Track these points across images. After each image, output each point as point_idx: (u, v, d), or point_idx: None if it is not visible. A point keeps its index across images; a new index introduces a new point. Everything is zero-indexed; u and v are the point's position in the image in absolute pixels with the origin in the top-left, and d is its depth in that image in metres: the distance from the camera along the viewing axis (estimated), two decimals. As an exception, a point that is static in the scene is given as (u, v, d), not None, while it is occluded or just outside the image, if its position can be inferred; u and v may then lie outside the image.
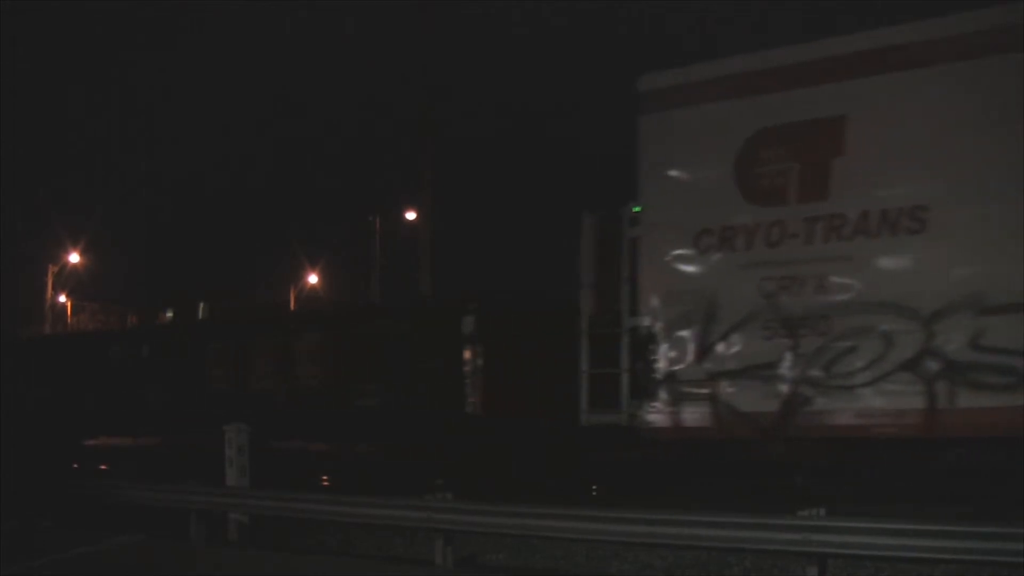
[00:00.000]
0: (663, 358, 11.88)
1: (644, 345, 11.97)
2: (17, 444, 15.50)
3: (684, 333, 11.72)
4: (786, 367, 11.14)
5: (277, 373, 14.70)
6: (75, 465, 17.42)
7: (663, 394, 11.85)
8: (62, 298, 43.32)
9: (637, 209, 12.40)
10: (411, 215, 32.21)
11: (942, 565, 8.21)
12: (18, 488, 13.33)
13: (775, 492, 10.28)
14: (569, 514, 9.27)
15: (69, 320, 42.32)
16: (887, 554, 7.97)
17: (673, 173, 12.10)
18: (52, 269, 43.78)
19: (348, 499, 11.15)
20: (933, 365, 10.47)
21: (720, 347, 11.54)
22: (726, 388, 11.49)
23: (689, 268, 11.84)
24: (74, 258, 43.36)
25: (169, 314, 39.45)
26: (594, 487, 12.30)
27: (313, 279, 45.25)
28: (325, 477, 14.90)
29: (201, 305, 32.75)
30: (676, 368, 11.81)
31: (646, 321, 12.02)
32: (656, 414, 11.87)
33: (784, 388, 11.16)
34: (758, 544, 8.34)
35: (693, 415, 11.69)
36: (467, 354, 13.06)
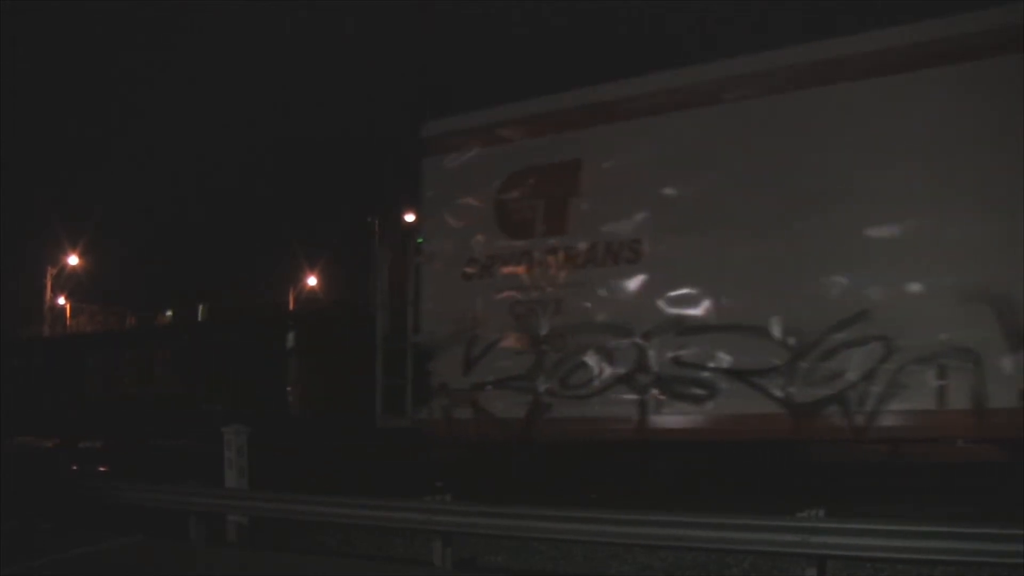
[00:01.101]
0: (437, 371, 13.13)
1: (424, 359, 13.45)
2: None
3: (454, 349, 12.98)
4: (532, 379, 12.40)
5: (141, 382, 16.28)
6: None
7: (437, 402, 13.06)
8: (61, 300, 43.37)
9: (420, 241, 13.85)
10: (410, 217, 32.79)
11: (942, 565, 8.31)
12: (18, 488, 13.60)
13: (774, 493, 10.32)
14: (568, 516, 9.37)
15: (68, 322, 42.20)
16: (886, 555, 8.05)
17: (447, 210, 13.31)
18: (51, 271, 44.60)
19: (347, 500, 11.07)
20: (644, 378, 11.83)
21: (481, 362, 12.77)
22: (485, 397, 12.70)
23: (458, 292, 13.09)
24: (73, 260, 43.51)
25: (168, 314, 41.00)
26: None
27: (312, 280, 45.73)
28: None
29: (200, 306, 34.27)
30: (447, 379, 13.00)
31: (425, 338, 13.55)
32: (432, 419, 13.31)
33: (530, 397, 12.42)
34: (757, 545, 8.43)
35: (461, 420, 12.89)
36: (289, 364, 14.56)
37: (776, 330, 10.88)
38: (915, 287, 10.36)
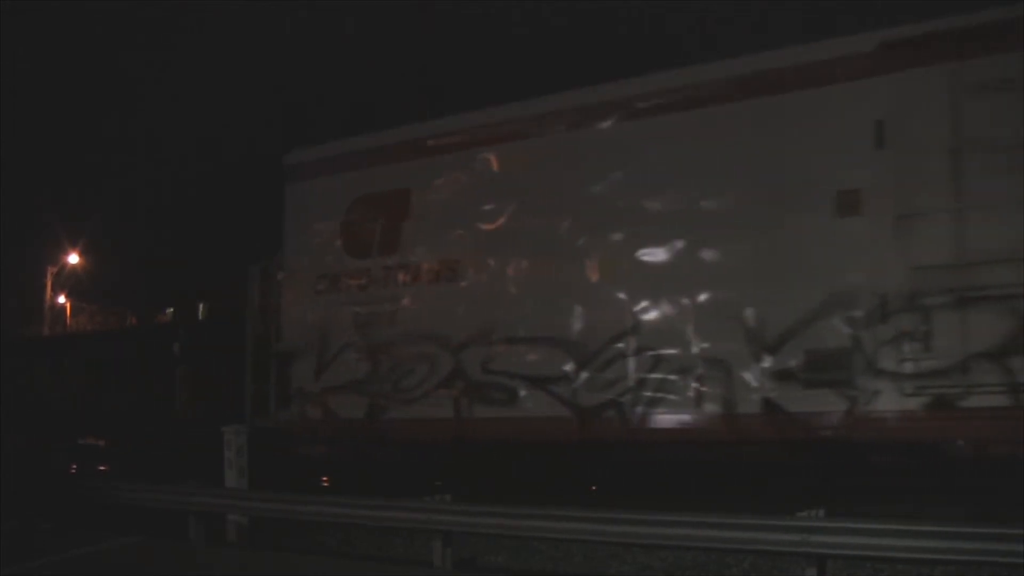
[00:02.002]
0: (295, 376, 14.21)
1: (284, 365, 14.57)
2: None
3: (308, 357, 14.10)
4: (370, 384, 13.49)
5: (63, 385, 17.61)
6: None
7: (295, 404, 14.14)
8: (61, 299, 43.95)
9: (282, 258, 14.95)
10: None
11: (941, 565, 8.29)
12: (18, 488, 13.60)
13: (774, 493, 10.46)
14: (568, 515, 9.35)
15: (68, 322, 43.18)
16: (886, 554, 8.03)
17: (304, 231, 14.41)
18: (51, 270, 45.42)
19: (347, 500, 11.05)
20: (460, 383, 12.93)
21: (330, 368, 13.84)
22: (333, 400, 13.77)
23: (311, 305, 14.20)
24: (73, 259, 43.87)
25: (170, 311, 42.14)
26: (593, 488, 12.34)
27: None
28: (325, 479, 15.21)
29: (200, 306, 35.47)
30: (303, 383, 14.07)
31: (285, 347, 14.65)
32: (291, 419, 14.42)
33: (368, 400, 13.54)
34: (757, 545, 8.38)
35: (313, 420, 13.93)
36: (176, 370, 15.81)
37: (565, 341, 11.96)
38: (676, 304, 11.38)
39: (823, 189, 10.67)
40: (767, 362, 10.81)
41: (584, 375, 11.81)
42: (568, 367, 11.90)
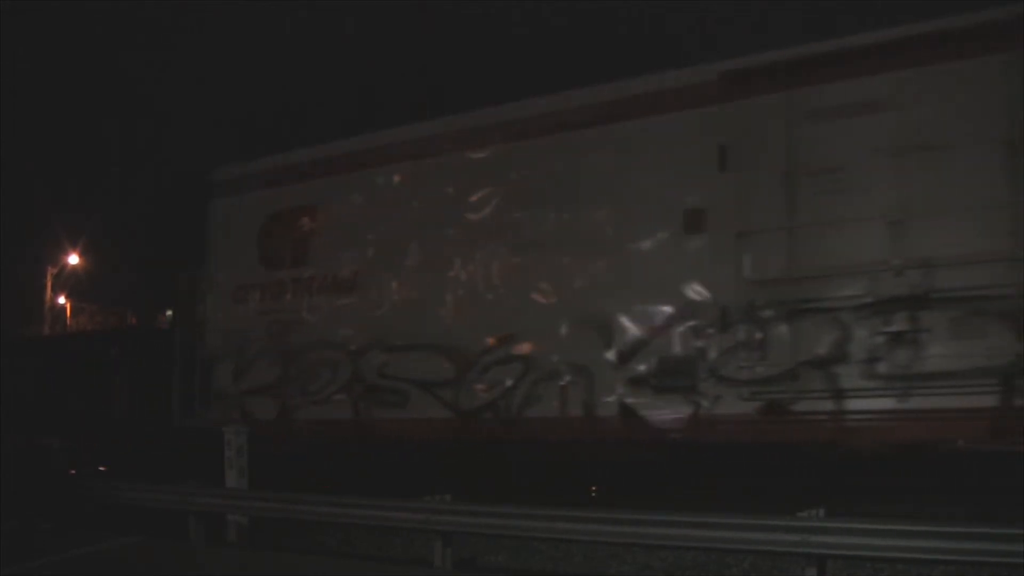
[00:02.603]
0: (216, 379, 14.99)
1: (208, 370, 15.38)
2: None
3: (228, 362, 14.93)
4: (281, 387, 14.31)
5: (25, 384, 18.48)
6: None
7: (216, 405, 14.93)
8: (61, 299, 44.35)
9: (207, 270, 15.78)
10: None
11: (941, 565, 8.25)
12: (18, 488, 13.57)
13: (774, 493, 10.35)
14: (568, 515, 9.30)
15: (69, 322, 43.46)
16: (886, 555, 8.00)
17: (225, 243, 15.20)
18: (51, 271, 46.58)
19: (348, 501, 10.93)
20: (358, 387, 13.72)
21: (247, 372, 14.66)
22: (249, 401, 14.55)
23: (231, 313, 15.04)
24: (73, 259, 44.27)
25: (169, 314, 42.93)
26: (593, 488, 12.36)
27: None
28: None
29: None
30: (223, 386, 14.87)
31: (208, 352, 15.44)
32: (213, 420, 15.17)
33: (280, 402, 14.32)
34: (757, 545, 8.35)
35: (234, 419, 14.85)
36: (113, 373, 16.68)
37: (449, 349, 12.73)
38: (546, 315, 12.12)
39: (672, 208, 11.39)
40: (623, 369, 11.54)
41: (465, 380, 12.56)
42: (451, 373, 12.66)
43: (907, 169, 10.29)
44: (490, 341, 12.41)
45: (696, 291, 11.20)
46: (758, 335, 10.86)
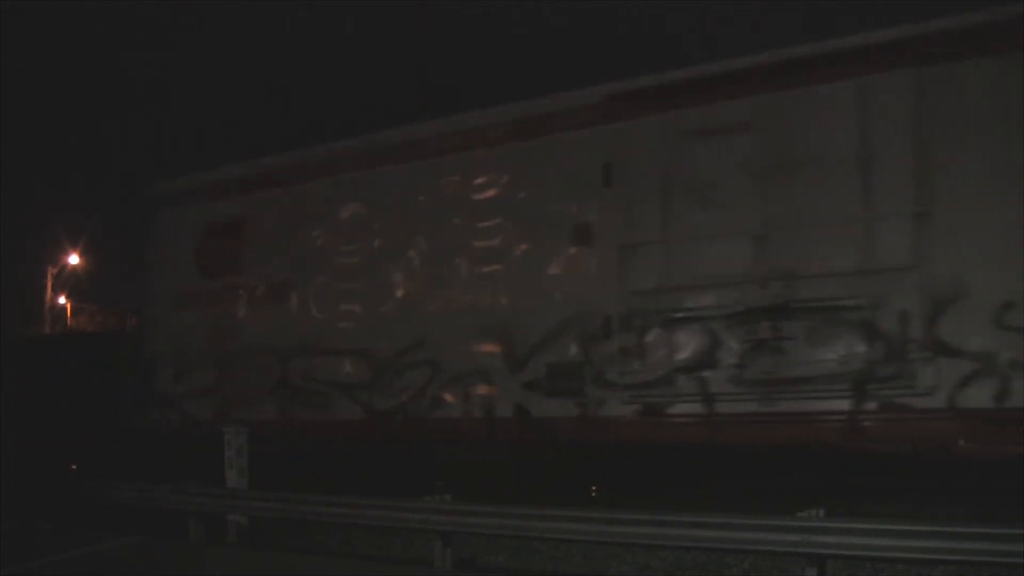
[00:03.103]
0: (158, 382, 15.73)
1: (151, 373, 16.09)
2: None
3: (169, 365, 15.65)
4: (217, 389, 14.92)
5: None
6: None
7: (158, 406, 15.67)
8: (61, 299, 44.79)
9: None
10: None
11: (942, 565, 8.21)
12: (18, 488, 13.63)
13: (774, 492, 10.38)
14: (568, 515, 9.25)
15: (69, 322, 43.76)
16: (886, 555, 7.96)
17: (167, 253, 15.85)
18: (51, 271, 47.56)
19: (348, 501, 10.91)
20: (286, 390, 14.37)
21: (185, 375, 15.42)
22: (187, 403, 15.27)
23: (172, 319, 15.74)
24: (74, 259, 44.73)
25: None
26: (593, 488, 12.42)
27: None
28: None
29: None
30: (165, 388, 15.58)
31: (152, 356, 16.13)
32: (156, 420, 15.95)
33: (216, 403, 14.94)
34: (757, 545, 8.31)
35: (172, 421, 15.49)
36: (64, 376, 17.46)
37: (365, 354, 13.39)
38: (449, 324, 12.75)
39: (563, 223, 12.00)
40: (519, 374, 12.17)
41: (380, 383, 13.22)
42: (367, 376, 13.33)
43: (770, 187, 10.87)
44: (401, 347, 13.04)
45: (583, 301, 11.81)
46: (638, 342, 11.48)
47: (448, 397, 12.68)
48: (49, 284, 46.31)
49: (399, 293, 13.20)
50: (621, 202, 11.68)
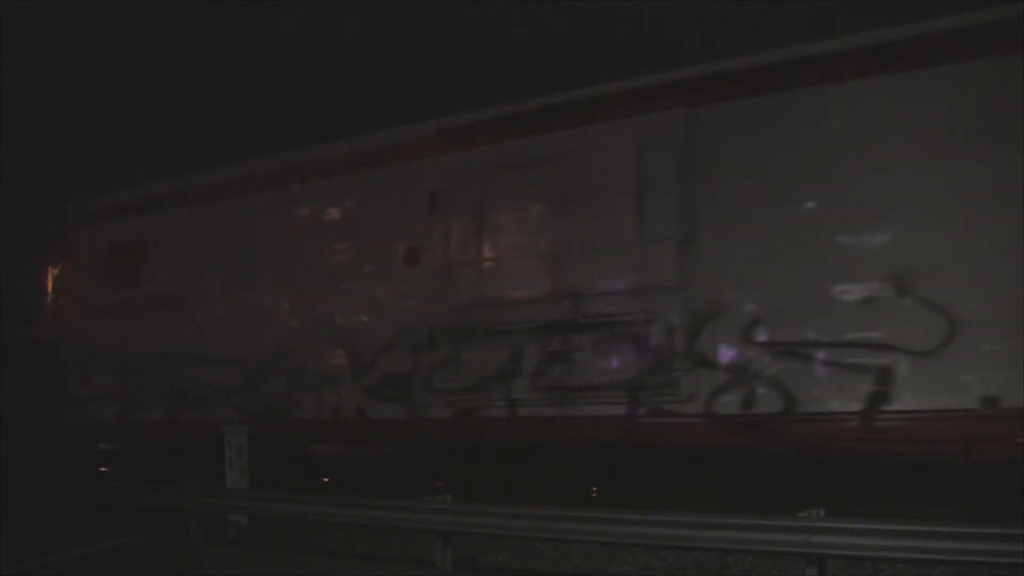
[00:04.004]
0: (73, 384, 16.83)
1: (66, 375, 17.34)
2: None
3: (82, 369, 16.82)
4: (120, 391, 16.16)
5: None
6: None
7: (70, 408, 16.81)
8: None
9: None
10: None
11: (942, 565, 8.13)
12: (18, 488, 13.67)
13: (775, 492, 10.44)
14: (568, 515, 9.23)
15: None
16: (887, 555, 7.91)
17: (81, 265, 17.14)
18: (52, 271, 49.65)
19: (348, 500, 10.92)
20: (174, 392, 15.41)
21: (95, 378, 16.60)
22: (95, 404, 16.45)
23: (84, 327, 16.91)
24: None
25: None
26: (593, 488, 12.49)
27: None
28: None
29: None
30: (77, 391, 16.74)
31: (67, 360, 17.30)
32: (72, 419, 17.18)
33: (119, 404, 16.17)
34: (757, 545, 8.27)
35: (84, 420, 16.61)
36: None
37: (240, 361, 14.59)
38: (305, 335, 13.94)
39: (396, 244, 13.13)
40: (361, 380, 13.32)
41: (251, 387, 14.42)
42: (240, 381, 14.53)
43: (564, 214, 11.94)
44: (268, 356, 14.24)
45: (413, 315, 12.94)
46: (456, 353, 12.58)
47: (305, 400, 13.85)
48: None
49: (266, 308, 14.38)
50: (444, 227, 12.78)
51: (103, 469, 16.69)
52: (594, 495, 12.17)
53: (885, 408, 10.12)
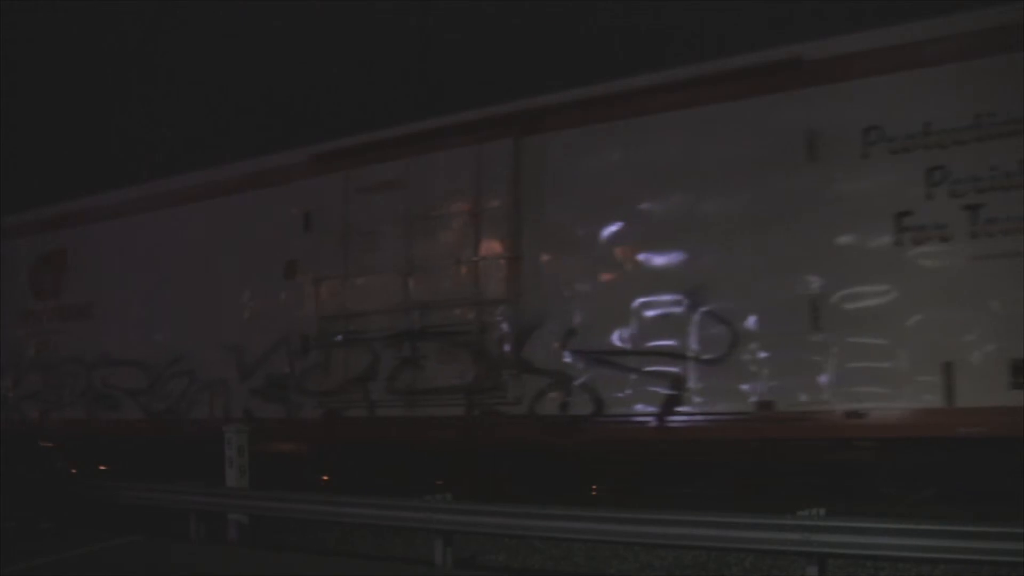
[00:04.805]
0: (5, 387, 17.79)
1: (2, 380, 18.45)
2: None
3: (10, 372, 17.77)
4: (45, 393, 17.16)
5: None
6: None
7: (5, 408, 17.81)
8: None
9: None
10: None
11: (942, 565, 8.10)
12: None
13: (775, 492, 10.35)
14: (569, 514, 9.21)
15: None
16: (887, 554, 7.86)
17: (10, 277, 17.95)
18: None
19: (348, 500, 10.91)
20: (90, 394, 16.62)
21: (23, 381, 17.63)
22: (23, 405, 17.49)
23: (16, 335, 17.75)
24: None
25: None
26: (594, 487, 12.57)
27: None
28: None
29: None
30: (8, 393, 17.74)
31: (2, 366, 18.48)
32: (6, 421, 18.21)
33: (43, 405, 17.11)
34: (758, 544, 8.21)
35: (14, 421, 17.45)
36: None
37: (144, 365, 15.74)
38: (200, 342, 15.04)
39: (277, 259, 14.21)
40: (247, 382, 14.43)
41: (154, 389, 15.58)
42: (145, 383, 15.69)
43: (414, 233, 12.98)
44: (169, 360, 15.38)
45: (291, 324, 14.03)
46: (325, 358, 13.67)
47: (201, 401, 14.97)
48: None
49: (167, 316, 15.51)
50: (316, 244, 13.85)
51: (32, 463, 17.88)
52: (594, 494, 12.37)
53: (677, 411, 11.15)
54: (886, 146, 10.27)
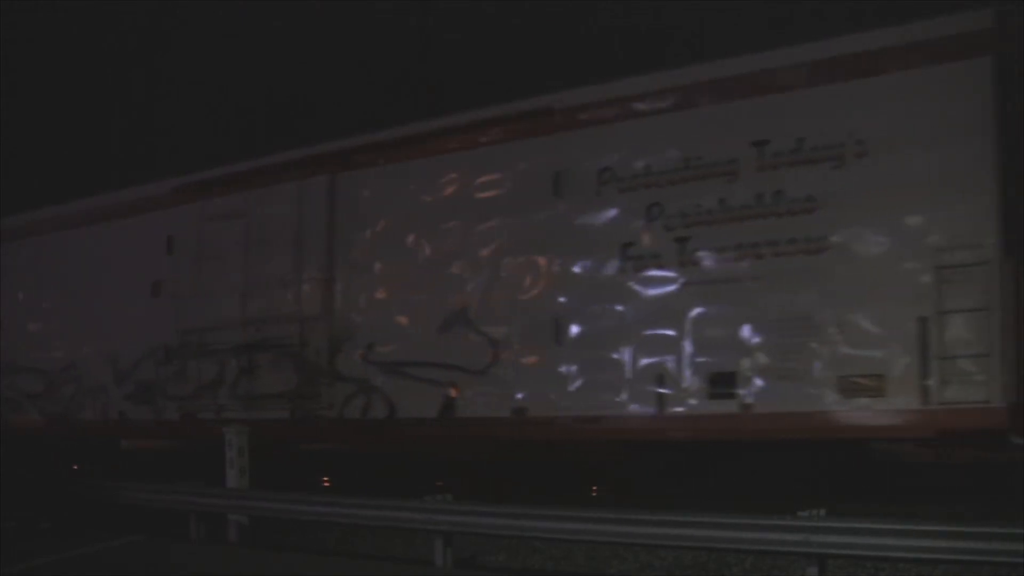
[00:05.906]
0: None
1: None
2: None
3: None
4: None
5: None
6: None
7: None
8: None
9: None
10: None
11: (942, 565, 8.02)
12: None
13: (774, 492, 10.21)
14: (569, 515, 9.16)
15: None
16: (887, 554, 7.80)
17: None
18: None
19: (348, 500, 10.83)
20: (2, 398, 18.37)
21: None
22: None
23: None
24: None
25: None
26: (594, 487, 12.64)
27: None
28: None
29: None
30: None
31: None
32: None
33: None
34: (758, 544, 8.18)
35: None
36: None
37: (41, 371, 17.35)
38: (84, 350, 16.61)
39: (146, 279, 15.75)
40: (121, 387, 16.00)
41: (49, 393, 17.21)
42: (42, 388, 17.35)
43: (251, 257, 14.47)
44: (61, 367, 17.00)
45: (157, 336, 15.55)
46: (183, 367, 15.19)
47: (87, 404, 16.57)
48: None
49: (60, 328, 17.13)
50: (177, 265, 15.37)
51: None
52: (594, 494, 12.44)
53: (451, 415, 12.55)
54: (616, 185, 11.68)
